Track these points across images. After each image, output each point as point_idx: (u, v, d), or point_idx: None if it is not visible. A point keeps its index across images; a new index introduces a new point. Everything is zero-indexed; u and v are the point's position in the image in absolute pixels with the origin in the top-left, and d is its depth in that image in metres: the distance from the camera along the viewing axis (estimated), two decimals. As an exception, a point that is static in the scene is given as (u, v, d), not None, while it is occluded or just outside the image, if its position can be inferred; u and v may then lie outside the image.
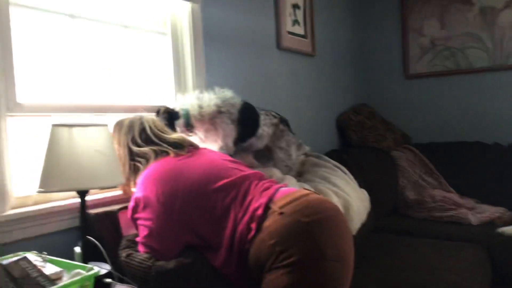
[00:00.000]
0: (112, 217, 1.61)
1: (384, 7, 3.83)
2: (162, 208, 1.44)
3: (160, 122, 1.79)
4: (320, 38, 3.35)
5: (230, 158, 1.65)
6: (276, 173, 2.22)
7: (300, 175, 2.56)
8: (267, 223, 1.35)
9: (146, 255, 1.42)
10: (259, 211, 1.37)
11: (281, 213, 1.35)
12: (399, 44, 3.78)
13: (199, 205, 1.44)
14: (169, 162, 1.56)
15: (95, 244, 1.46)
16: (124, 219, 1.60)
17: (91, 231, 1.54)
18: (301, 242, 1.29)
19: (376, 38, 3.89)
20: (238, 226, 1.39)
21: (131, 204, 1.51)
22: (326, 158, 2.70)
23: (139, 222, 1.48)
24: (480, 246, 2.39)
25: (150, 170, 1.55)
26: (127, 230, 1.60)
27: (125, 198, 1.74)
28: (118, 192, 1.78)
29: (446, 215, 2.81)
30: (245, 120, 2.00)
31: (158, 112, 1.90)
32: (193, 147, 1.70)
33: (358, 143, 3.43)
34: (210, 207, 1.43)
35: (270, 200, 1.41)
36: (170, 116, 1.88)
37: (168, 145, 1.66)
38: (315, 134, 3.31)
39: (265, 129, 2.16)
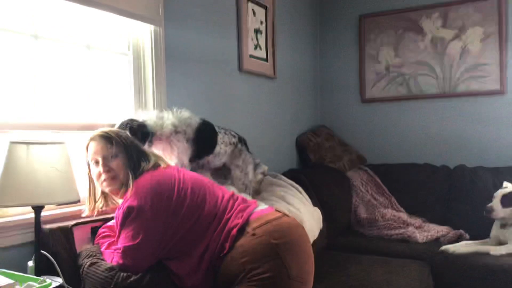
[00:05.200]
0: (66, 232, 1.64)
1: (343, 34, 4.02)
2: (153, 223, 1.49)
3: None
4: (281, 62, 3.48)
5: (206, 178, 1.75)
6: (233, 190, 2.31)
7: (257, 194, 2.65)
8: (240, 242, 1.49)
9: (111, 265, 1.48)
10: (234, 231, 1.50)
11: (253, 234, 1.49)
12: (356, 69, 3.96)
13: (188, 224, 1.54)
14: (162, 174, 1.62)
15: (48, 258, 1.49)
16: (78, 234, 1.64)
17: (45, 246, 1.57)
18: (271, 261, 1.43)
19: (335, 63, 4.06)
20: (211, 244, 1.52)
21: (121, 211, 1.53)
22: (283, 177, 2.80)
23: (125, 230, 1.51)
24: (424, 263, 2.53)
25: (146, 180, 1.59)
26: (81, 245, 1.65)
27: (79, 214, 1.76)
28: (72, 208, 1.81)
29: (395, 233, 2.95)
30: (201, 139, 2.09)
31: (130, 126, 1.86)
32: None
33: (316, 163, 3.56)
34: (197, 227, 1.54)
35: (246, 221, 1.54)
36: (144, 132, 1.89)
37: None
38: (275, 154, 3.41)
39: (222, 147, 2.26)
